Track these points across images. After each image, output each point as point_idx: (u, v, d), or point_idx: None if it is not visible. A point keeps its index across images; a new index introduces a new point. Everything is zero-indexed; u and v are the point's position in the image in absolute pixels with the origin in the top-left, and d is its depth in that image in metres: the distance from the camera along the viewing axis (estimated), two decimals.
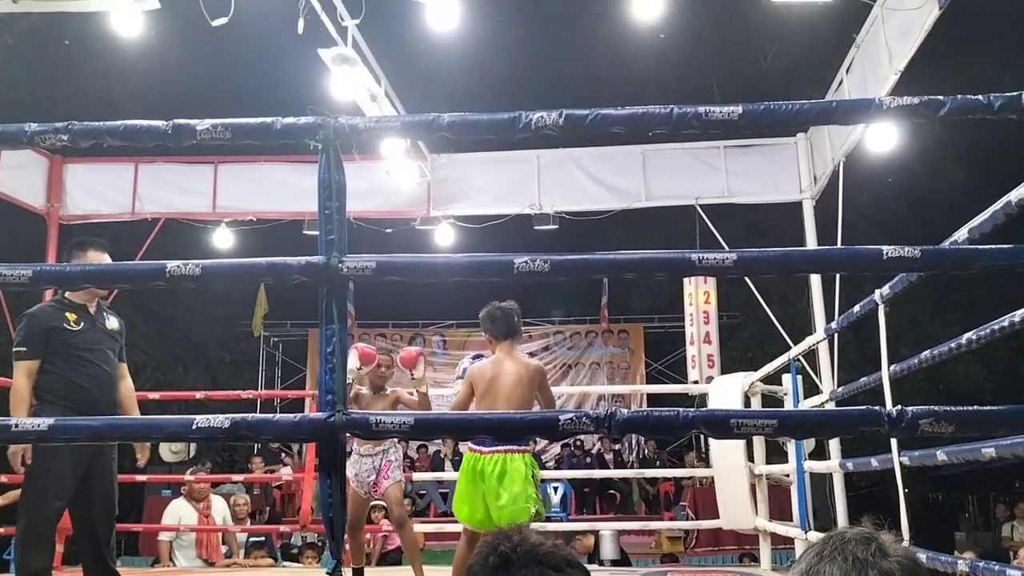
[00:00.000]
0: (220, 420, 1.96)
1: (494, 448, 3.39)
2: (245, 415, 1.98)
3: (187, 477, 7.17)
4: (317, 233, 2.13)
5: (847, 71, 6.60)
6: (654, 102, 2.20)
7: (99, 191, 7.94)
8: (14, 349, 3.51)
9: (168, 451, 10.83)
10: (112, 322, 3.75)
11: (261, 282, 2.78)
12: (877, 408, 1.88)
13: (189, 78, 8.62)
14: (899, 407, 1.87)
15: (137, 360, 13.29)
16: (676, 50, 10.46)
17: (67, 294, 3.64)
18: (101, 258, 3.61)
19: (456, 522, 3.74)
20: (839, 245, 6.67)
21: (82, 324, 3.58)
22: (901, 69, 5.53)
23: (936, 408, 1.87)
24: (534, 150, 7.93)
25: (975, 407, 1.89)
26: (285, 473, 10.30)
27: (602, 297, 14.64)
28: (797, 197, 7.74)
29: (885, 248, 1.95)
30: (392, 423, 1.94)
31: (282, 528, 7.33)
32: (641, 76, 11.33)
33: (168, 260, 2.04)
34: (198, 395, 6.70)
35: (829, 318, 7.09)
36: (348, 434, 2.63)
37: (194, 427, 1.98)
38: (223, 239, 8.10)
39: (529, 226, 8.19)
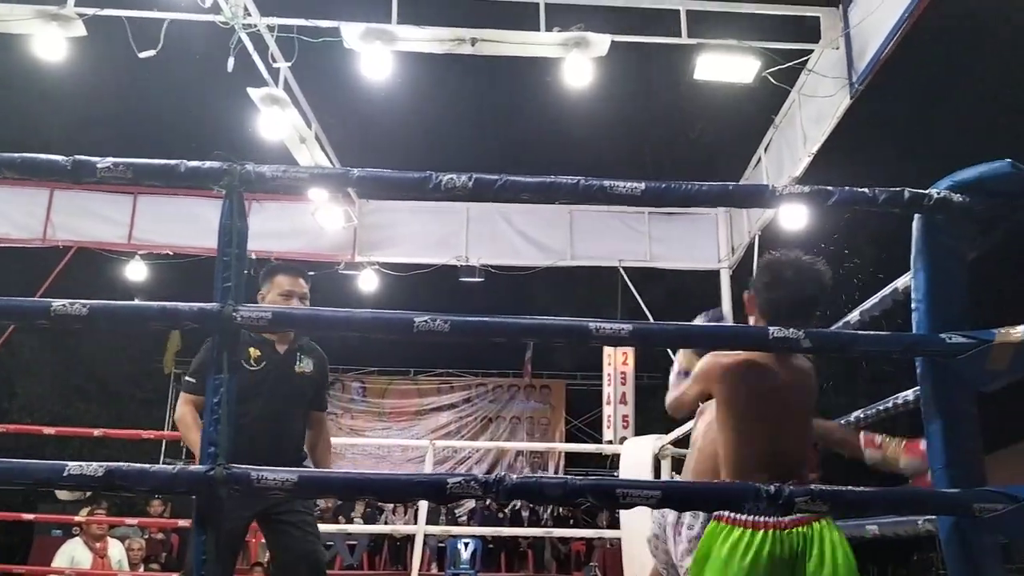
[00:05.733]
0: (94, 468, 1.87)
1: (798, 517, 1.98)
2: (121, 464, 1.90)
3: (77, 518, 6.83)
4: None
5: (765, 150, 6.88)
6: (588, 166, 2.25)
7: (10, 214, 7.70)
8: (184, 377, 3.15)
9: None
10: (305, 364, 3.27)
11: (151, 327, 2.62)
12: (756, 484, 1.92)
13: (115, 107, 8.47)
14: (777, 484, 1.91)
15: (39, 392, 12.72)
16: (610, 118, 10.73)
17: None
18: (295, 283, 3.25)
19: None
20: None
21: (264, 363, 3.16)
22: (814, 152, 5.80)
23: (812, 487, 1.92)
24: (464, 202, 7.99)
25: (848, 488, 1.95)
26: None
27: (526, 352, 14.69)
28: (715, 266, 7.97)
29: (771, 328, 2.01)
30: (274, 480, 1.89)
31: None
32: (577, 140, 11.57)
33: (54, 299, 1.96)
34: (96, 432, 6.44)
35: None
36: None
37: (65, 474, 1.89)
38: (136, 272, 7.90)
39: (455, 277, 8.22)
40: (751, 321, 2.25)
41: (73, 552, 6.29)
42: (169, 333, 12.99)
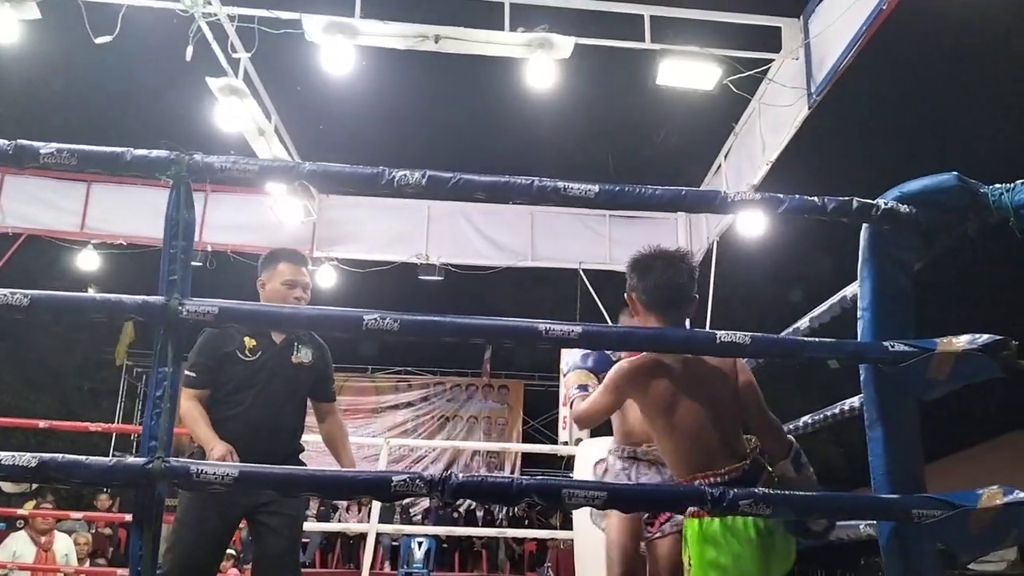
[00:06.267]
0: (27, 459, 1.83)
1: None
2: (55, 455, 1.86)
3: (21, 511, 6.68)
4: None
5: (725, 157, 6.96)
6: (551, 168, 2.25)
7: None
8: (184, 372, 2.94)
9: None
10: (304, 354, 3.11)
11: (94, 319, 2.50)
12: (702, 487, 1.93)
13: (69, 93, 8.29)
14: (722, 488, 1.93)
15: None
16: (574, 120, 10.75)
17: None
18: (298, 272, 3.11)
19: None
20: (708, 320, 6.94)
21: (259, 353, 3.03)
22: (772, 160, 5.88)
23: (756, 491, 1.94)
24: (425, 200, 7.96)
25: (791, 492, 1.98)
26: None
27: (485, 351, 14.65)
28: None
29: (718, 333, 2.03)
30: (214, 474, 1.85)
31: (119, 572, 6.88)
32: (541, 142, 11.56)
33: None
34: (42, 424, 6.30)
35: None
36: None
37: None
38: (89, 261, 7.73)
39: (414, 275, 8.18)
40: (634, 322, 2.30)
41: (15, 546, 6.16)
42: (123, 324, 12.73)
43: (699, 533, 2.05)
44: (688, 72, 5.55)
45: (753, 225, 6.52)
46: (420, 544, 10.19)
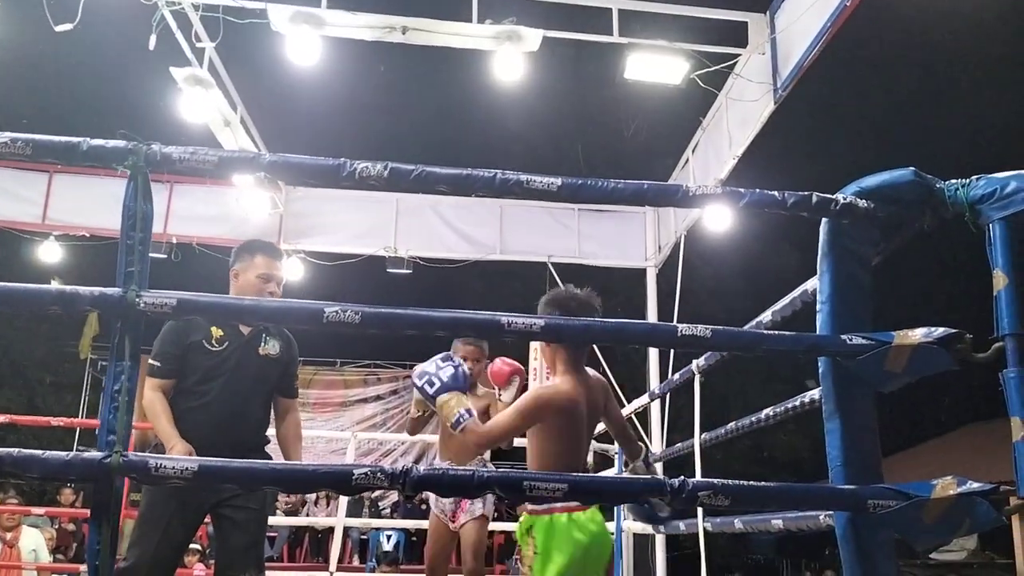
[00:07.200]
0: None
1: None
2: (11, 449, 1.83)
3: None
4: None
5: (693, 151, 7.00)
6: (520, 161, 2.25)
7: None
8: (149, 361, 2.88)
9: None
10: (271, 346, 3.08)
11: (50, 310, 2.44)
12: (661, 478, 1.95)
13: (29, 83, 8.11)
14: (681, 478, 1.95)
15: None
16: (544, 114, 10.77)
17: None
18: (274, 266, 3.07)
19: None
20: (675, 314, 6.99)
21: (226, 344, 2.99)
22: (739, 155, 5.92)
23: (715, 481, 1.96)
24: (394, 192, 7.91)
25: (749, 483, 2.00)
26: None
27: None
28: (642, 264, 8.07)
29: (680, 326, 2.05)
30: (173, 468, 1.84)
31: (81, 568, 6.79)
32: (511, 135, 11.58)
33: None
34: (2, 418, 6.19)
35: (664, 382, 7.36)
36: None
37: None
38: (50, 253, 7.59)
39: (383, 269, 8.13)
40: (541, 351, 2.73)
41: None
42: (87, 317, 12.52)
43: (548, 525, 2.31)
44: (656, 66, 5.57)
45: (720, 219, 6.56)
46: (389, 537, 10.18)
